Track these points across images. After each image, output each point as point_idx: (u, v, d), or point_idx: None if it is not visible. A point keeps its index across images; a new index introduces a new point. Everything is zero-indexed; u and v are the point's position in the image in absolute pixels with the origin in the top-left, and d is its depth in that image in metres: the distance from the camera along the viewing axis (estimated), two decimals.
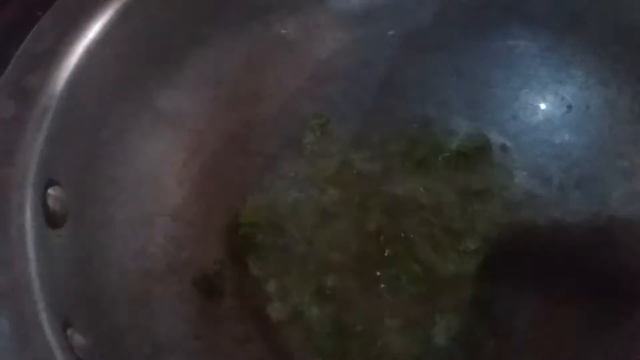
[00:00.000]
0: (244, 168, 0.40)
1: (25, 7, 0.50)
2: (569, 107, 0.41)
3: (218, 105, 0.40)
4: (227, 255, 0.38)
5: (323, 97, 0.43)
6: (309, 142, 0.42)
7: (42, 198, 0.31)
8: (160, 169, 0.38)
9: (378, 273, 0.38)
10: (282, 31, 0.41)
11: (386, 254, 0.39)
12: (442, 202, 0.41)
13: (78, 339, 0.29)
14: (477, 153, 0.42)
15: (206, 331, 0.35)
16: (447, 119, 0.43)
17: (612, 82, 0.39)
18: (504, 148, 0.42)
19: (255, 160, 0.41)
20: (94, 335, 0.30)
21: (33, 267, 0.28)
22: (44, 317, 0.27)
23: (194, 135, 0.40)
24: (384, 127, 0.43)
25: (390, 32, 0.42)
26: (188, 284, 0.36)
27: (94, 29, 0.35)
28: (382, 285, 0.38)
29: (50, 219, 0.31)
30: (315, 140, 0.42)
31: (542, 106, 0.42)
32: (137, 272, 0.35)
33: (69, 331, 0.29)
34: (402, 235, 0.40)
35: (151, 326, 0.34)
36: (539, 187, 0.40)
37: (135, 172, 0.37)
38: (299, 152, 0.42)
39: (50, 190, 0.31)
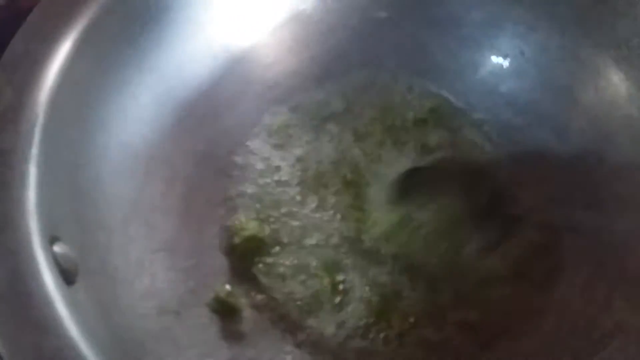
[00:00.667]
0: (222, 184, 0.40)
1: None
2: (506, 56, 0.45)
3: (181, 129, 0.40)
4: (233, 273, 0.38)
5: (277, 99, 0.44)
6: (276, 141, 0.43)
7: (53, 257, 0.30)
8: (141, 205, 0.37)
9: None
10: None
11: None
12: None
13: None
14: (432, 116, 0.44)
15: (233, 353, 0.35)
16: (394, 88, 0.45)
17: (539, 27, 0.44)
18: (456, 107, 0.44)
19: (232, 173, 0.41)
20: None
21: (73, 328, 0.27)
22: None
23: (165, 164, 0.39)
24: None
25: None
26: (204, 310, 0.36)
27: (51, 75, 0.34)
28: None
29: (65, 277, 0.30)
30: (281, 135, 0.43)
31: (482, 61, 0.45)
32: (151, 312, 0.34)
33: None
34: None
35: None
36: (497, 132, 0.44)
37: (119, 213, 0.36)
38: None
39: (56, 248, 0.30)
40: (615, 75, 0.42)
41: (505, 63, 0.45)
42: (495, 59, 0.45)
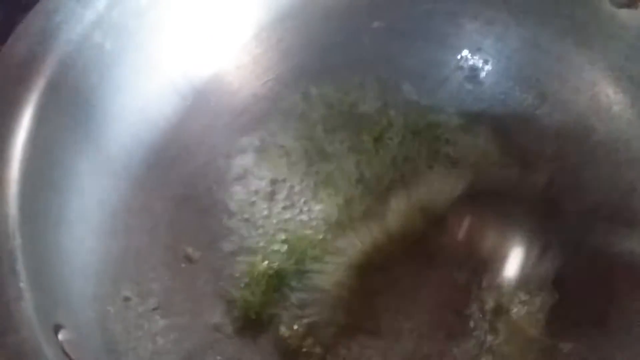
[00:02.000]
0: (207, 224, 0.39)
1: None
2: (470, 50, 0.45)
3: (154, 175, 0.39)
4: (236, 322, 0.37)
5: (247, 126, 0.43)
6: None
7: (60, 347, 0.28)
8: (128, 263, 0.36)
9: None
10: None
11: None
12: None
13: None
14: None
15: None
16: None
17: (496, 20, 0.44)
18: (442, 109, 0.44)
19: (215, 211, 0.40)
20: None
21: None
22: None
23: (145, 214, 0.37)
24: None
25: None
26: None
27: (17, 151, 0.31)
28: None
29: None
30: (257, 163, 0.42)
31: (447, 59, 0.45)
32: None
33: None
34: None
35: None
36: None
37: (108, 277, 0.35)
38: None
39: (61, 336, 0.29)
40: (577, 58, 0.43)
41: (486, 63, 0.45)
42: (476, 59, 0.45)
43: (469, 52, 0.45)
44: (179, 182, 0.39)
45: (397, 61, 0.45)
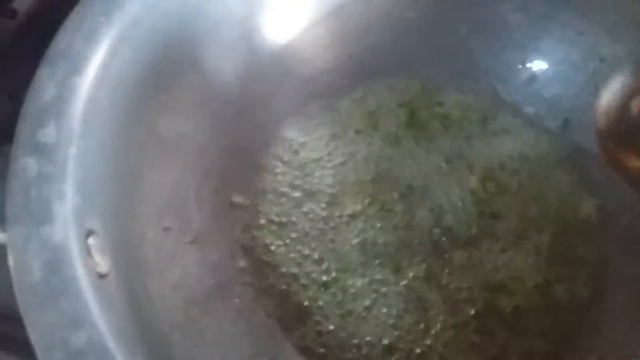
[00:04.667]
0: (256, 178, 0.41)
1: None
2: (552, 61, 0.44)
3: (216, 122, 0.41)
4: (264, 270, 0.39)
5: (311, 96, 0.44)
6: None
7: (87, 249, 0.31)
8: (176, 198, 0.38)
9: None
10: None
11: None
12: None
13: None
14: (468, 124, 0.44)
15: (256, 349, 0.36)
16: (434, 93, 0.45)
17: (587, 30, 0.42)
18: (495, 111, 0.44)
19: (266, 168, 0.42)
20: None
21: (101, 322, 0.28)
22: None
23: (200, 158, 0.40)
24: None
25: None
26: (231, 304, 0.37)
27: (91, 71, 0.35)
28: None
29: (98, 270, 0.31)
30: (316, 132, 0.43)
31: (526, 65, 0.44)
32: (180, 304, 0.36)
33: None
34: None
35: (207, 353, 0.35)
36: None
37: (154, 206, 0.37)
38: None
39: (90, 240, 0.32)
40: None
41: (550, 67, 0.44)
42: (540, 63, 0.44)
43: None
44: (239, 135, 0.41)
45: (473, 59, 0.44)
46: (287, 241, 0.40)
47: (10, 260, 0.29)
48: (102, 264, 0.32)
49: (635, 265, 0.38)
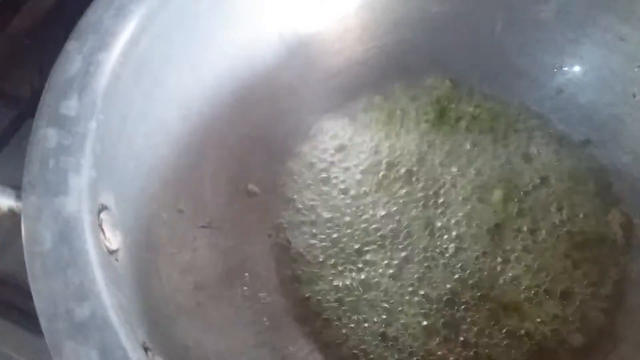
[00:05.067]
0: (274, 169, 0.41)
1: (10, 38, 0.49)
2: (589, 66, 0.43)
3: (238, 107, 0.41)
4: (274, 261, 0.38)
5: (338, 88, 0.44)
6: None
7: (98, 223, 0.31)
8: (193, 180, 0.38)
9: None
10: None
11: None
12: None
13: None
14: (501, 125, 0.43)
15: (259, 339, 0.36)
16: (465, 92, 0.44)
17: (628, 36, 0.41)
18: (528, 116, 0.43)
19: (285, 159, 0.41)
20: (165, 355, 0.31)
21: (106, 297, 0.28)
22: (128, 345, 0.27)
23: (221, 143, 0.40)
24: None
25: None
26: (238, 292, 0.37)
27: (118, 47, 0.35)
28: None
29: (107, 245, 0.31)
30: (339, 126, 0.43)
31: (562, 68, 0.43)
32: (188, 287, 0.35)
33: (150, 354, 0.29)
34: None
35: (210, 339, 0.35)
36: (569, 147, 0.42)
37: (171, 186, 0.37)
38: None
39: (102, 215, 0.32)
40: None
41: (587, 73, 0.43)
42: (576, 68, 0.43)
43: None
44: (259, 123, 0.41)
45: (507, 58, 0.43)
46: (304, 231, 0.39)
47: (23, 229, 0.30)
48: (113, 239, 0.32)
49: None
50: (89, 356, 0.27)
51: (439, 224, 0.40)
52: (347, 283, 0.39)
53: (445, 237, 0.40)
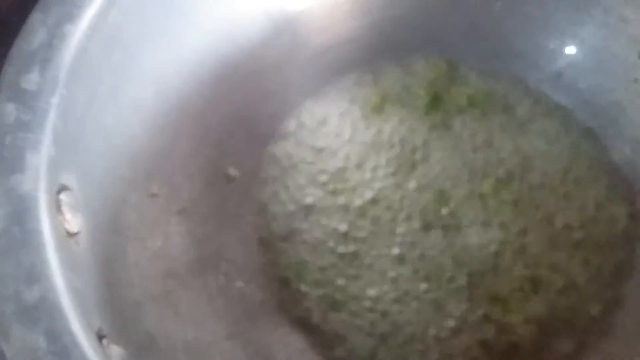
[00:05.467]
0: (255, 151, 0.39)
1: None
2: (591, 49, 0.40)
3: (219, 86, 0.39)
4: (253, 249, 0.36)
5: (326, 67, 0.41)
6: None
7: (57, 204, 0.29)
8: (168, 162, 0.36)
9: None
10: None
11: None
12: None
13: (114, 348, 0.28)
14: (498, 108, 0.41)
15: (230, 330, 0.34)
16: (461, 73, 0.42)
17: (632, 17, 0.38)
18: (525, 99, 0.41)
19: (268, 141, 0.39)
20: (127, 343, 0.29)
21: (59, 280, 0.27)
22: (78, 330, 0.26)
23: (198, 123, 0.38)
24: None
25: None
26: (212, 281, 0.35)
27: (86, 19, 0.33)
28: None
29: (67, 227, 0.29)
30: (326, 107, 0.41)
31: (563, 51, 0.41)
32: (158, 274, 0.34)
33: (105, 341, 0.27)
34: None
35: (179, 329, 0.33)
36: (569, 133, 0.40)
37: (143, 168, 0.35)
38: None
39: (62, 196, 0.30)
40: None
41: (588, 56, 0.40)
42: (577, 50, 0.40)
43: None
44: (242, 103, 0.39)
45: (506, 39, 0.41)
46: (286, 218, 0.37)
47: None
48: (73, 222, 0.30)
49: None
50: (36, 340, 0.25)
51: (432, 209, 0.38)
52: (331, 275, 0.36)
53: (439, 223, 0.38)
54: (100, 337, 0.27)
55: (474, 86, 0.41)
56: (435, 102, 0.40)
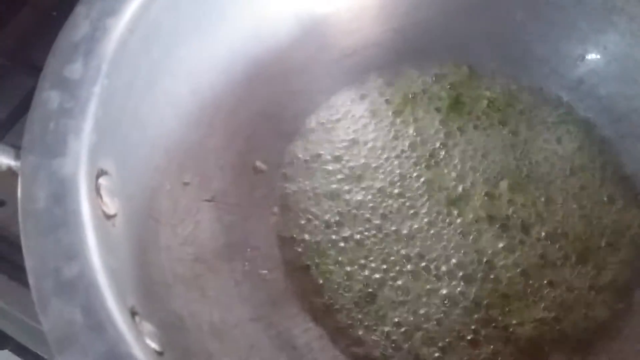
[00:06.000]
0: (281, 147, 0.40)
1: (39, 9, 0.50)
2: (613, 56, 0.41)
3: (249, 84, 0.40)
4: (278, 238, 0.38)
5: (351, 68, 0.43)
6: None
7: (96, 188, 0.31)
8: (200, 154, 0.38)
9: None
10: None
11: None
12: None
13: (146, 325, 0.29)
14: (517, 114, 0.42)
15: (256, 313, 0.35)
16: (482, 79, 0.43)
17: None
18: (546, 106, 0.42)
19: (294, 138, 0.41)
20: (157, 322, 0.30)
21: (96, 258, 0.28)
22: (113, 307, 0.27)
23: (230, 119, 0.39)
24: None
25: None
26: (239, 266, 0.36)
27: (127, 13, 0.35)
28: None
29: (104, 209, 0.31)
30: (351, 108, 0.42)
31: (585, 58, 0.42)
32: (187, 258, 0.35)
33: (137, 318, 0.29)
34: None
35: (206, 310, 0.34)
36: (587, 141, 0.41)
37: (177, 158, 0.37)
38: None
39: (101, 180, 0.31)
40: None
41: (610, 63, 0.41)
42: (600, 58, 0.41)
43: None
44: (270, 101, 0.41)
45: (527, 45, 0.42)
46: (309, 211, 0.39)
47: (19, 187, 0.30)
48: (111, 205, 0.32)
49: None
50: (72, 314, 0.26)
51: (453, 210, 0.39)
52: (351, 268, 0.38)
53: (458, 223, 0.38)
54: (133, 314, 0.29)
55: (494, 91, 0.42)
56: (455, 105, 0.41)
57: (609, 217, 0.38)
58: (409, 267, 0.37)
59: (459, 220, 0.38)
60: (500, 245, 0.38)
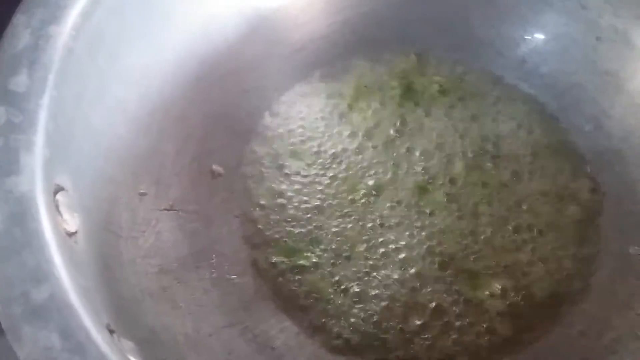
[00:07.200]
0: (237, 147, 0.40)
1: None
2: (552, 35, 0.43)
3: (200, 86, 0.39)
4: (243, 241, 0.37)
5: (302, 63, 0.43)
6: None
7: (54, 205, 0.29)
8: (154, 162, 0.37)
9: None
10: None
11: None
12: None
13: (125, 342, 0.28)
14: (467, 96, 0.43)
15: (229, 319, 0.35)
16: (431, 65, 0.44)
17: (590, 4, 0.41)
18: (491, 86, 0.43)
19: (249, 137, 0.40)
20: (131, 338, 0.29)
21: (66, 278, 0.27)
22: (91, 326, 0.26)
23: (181, 122, 0.38)
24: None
25: None
26: (206, 274, 0.35)
27: (70, 20, 0.33)
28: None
29: (65, 227, 0.29)
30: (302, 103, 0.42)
31: (525, 38, 0.43)
32: (153, 270, 0.34)
33: (115, 336, 0.27)
34: None
35: (178, 322, 0.33)
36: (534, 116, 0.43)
37: (130, 168, 0.36)
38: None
39: (59, 196, 0.30)
40: None
41: (549, 42, 0.43)
42: (539, 38, 0.43)
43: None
44: (222, 101, 0.40)
45: (471, 30, 0.43)
46: (272, 211, 0.38)
47: None
48: (71, 221, 0.30)
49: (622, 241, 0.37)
50: (49, 339, 0.25)
51: (417, 194, 0.39)
52: (317, 261, 0.38)
53: (420, 209, 0.39)
54: (110, 332, 0.27)
55: (443, 76, 0.43)
56: (407, 92, 0.42)
57: (560, 186, 0.40)
58: (377, 256, 0.38)
59: (422, 203, 0.39)
60: (459, 224, 0.39)
